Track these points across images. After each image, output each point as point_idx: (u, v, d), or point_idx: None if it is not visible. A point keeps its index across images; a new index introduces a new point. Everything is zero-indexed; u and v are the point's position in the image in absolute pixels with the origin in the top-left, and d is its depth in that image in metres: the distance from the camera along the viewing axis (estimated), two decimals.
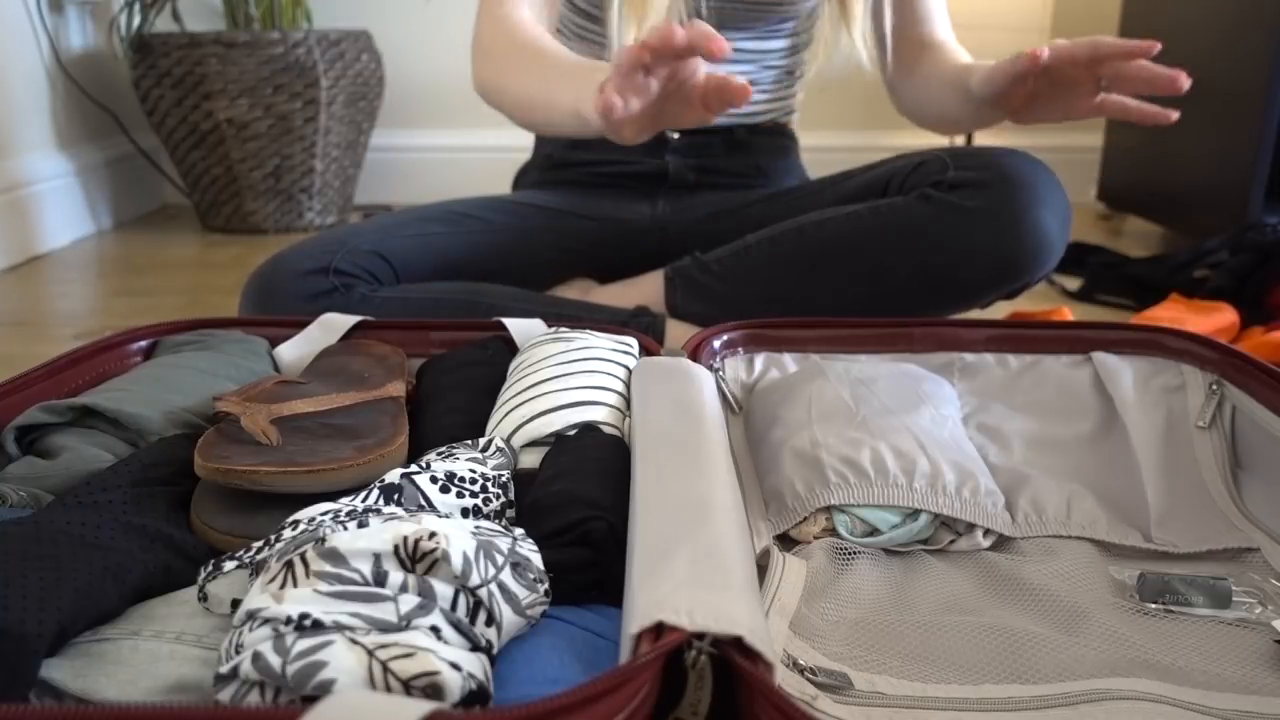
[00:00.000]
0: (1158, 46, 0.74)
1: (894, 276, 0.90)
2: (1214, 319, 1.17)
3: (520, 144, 2.26)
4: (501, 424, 0.63)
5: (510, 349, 0.79)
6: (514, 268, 1.06)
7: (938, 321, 0.79)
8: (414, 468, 0.53)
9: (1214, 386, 0.70)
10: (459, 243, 1.04)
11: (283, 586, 0.41)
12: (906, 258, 0.90)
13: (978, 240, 0.88)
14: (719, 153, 1.15)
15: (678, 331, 0.99)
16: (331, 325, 0.82)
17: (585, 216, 1.12)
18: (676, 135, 1.13)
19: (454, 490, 0.52)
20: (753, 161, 1.16)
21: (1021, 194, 0.87)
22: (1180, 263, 1.36)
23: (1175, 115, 0.77)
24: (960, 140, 2.25)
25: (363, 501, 0.50)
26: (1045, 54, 0.77)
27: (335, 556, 0.41)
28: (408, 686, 0.36)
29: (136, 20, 1.86)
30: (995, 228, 0.87)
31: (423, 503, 0.51)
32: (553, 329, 0.78)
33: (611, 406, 0.64)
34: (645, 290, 1.04)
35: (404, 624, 0.40)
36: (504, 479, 0.56)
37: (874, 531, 0.60)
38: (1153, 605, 0.54)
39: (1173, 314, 1.22)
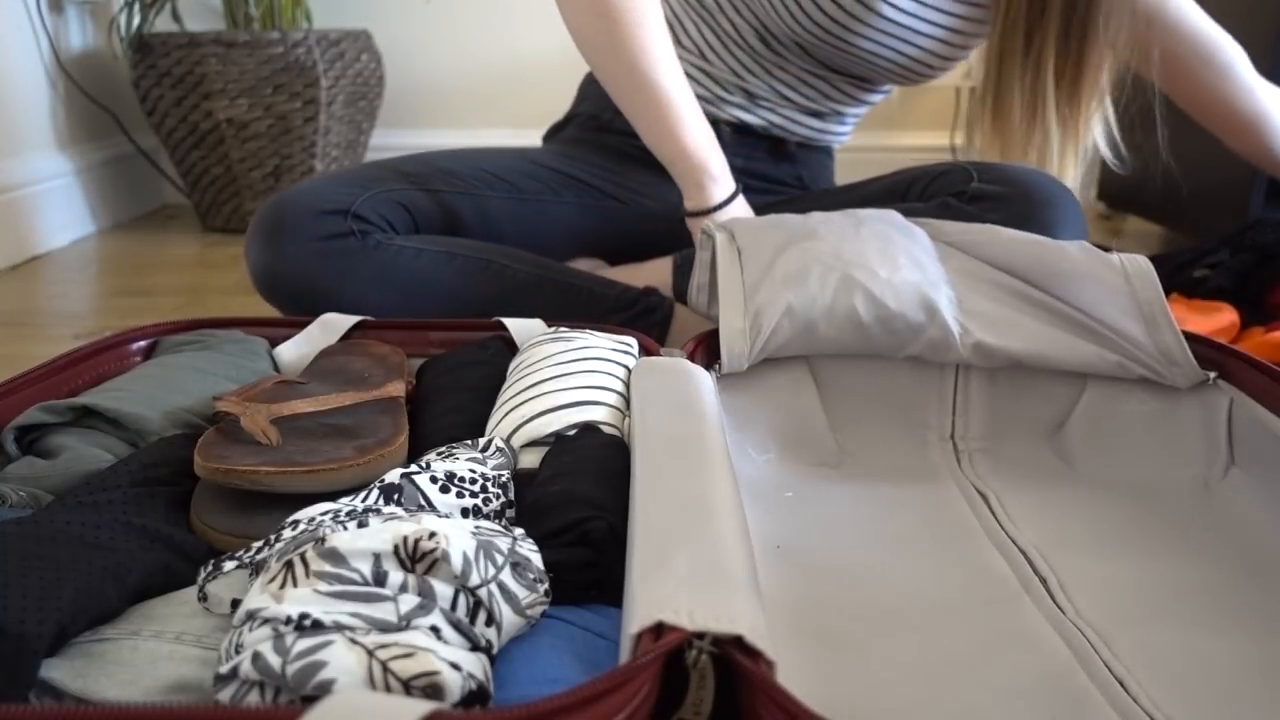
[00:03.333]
0: None
1: None
2: (1214, 319, 1.17)
3: (520, 144, 2.26)
4: (501, 424, 0.63)
5: (510, 349, 0.79)
6: (534, 238, 1.05)
7: None
8: (414, 468, 0.53)
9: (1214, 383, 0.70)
10: (484, 205, 1.02)
11: (283, 586, 0.41)
12: None
13: None
14: (765, 158, 1.15)
15: (685, 317, 0.99)
16: (331, 325, 0.82)
17: (614, 196, 1.11)
18: (729, 131, 1.12)
19: (454, 490, 0.52)
20: (795, 171, 1.16)
21: (1041, 212, 0.88)
22: (1180, 263, 1.36)
23: None
24: (960, 138, 2.25)
25: (363, 501, 0.50)
26: None
27: (335, 556, 0.41)
28: (408, 686, 0.36)
29: (136, 20, 1.86)
30: None
31: (422, 503, 0.51)
32: (552, 329, 0.78)
33: (611, 406, 0.64)
34: (652, 274, 1.04)
35: (404, 624, 0.40)
36: (504, 479, 0.56)
37: None
38: None
39: (1174, 314, 1.21)
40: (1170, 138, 1.74)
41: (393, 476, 0.52)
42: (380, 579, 0.41)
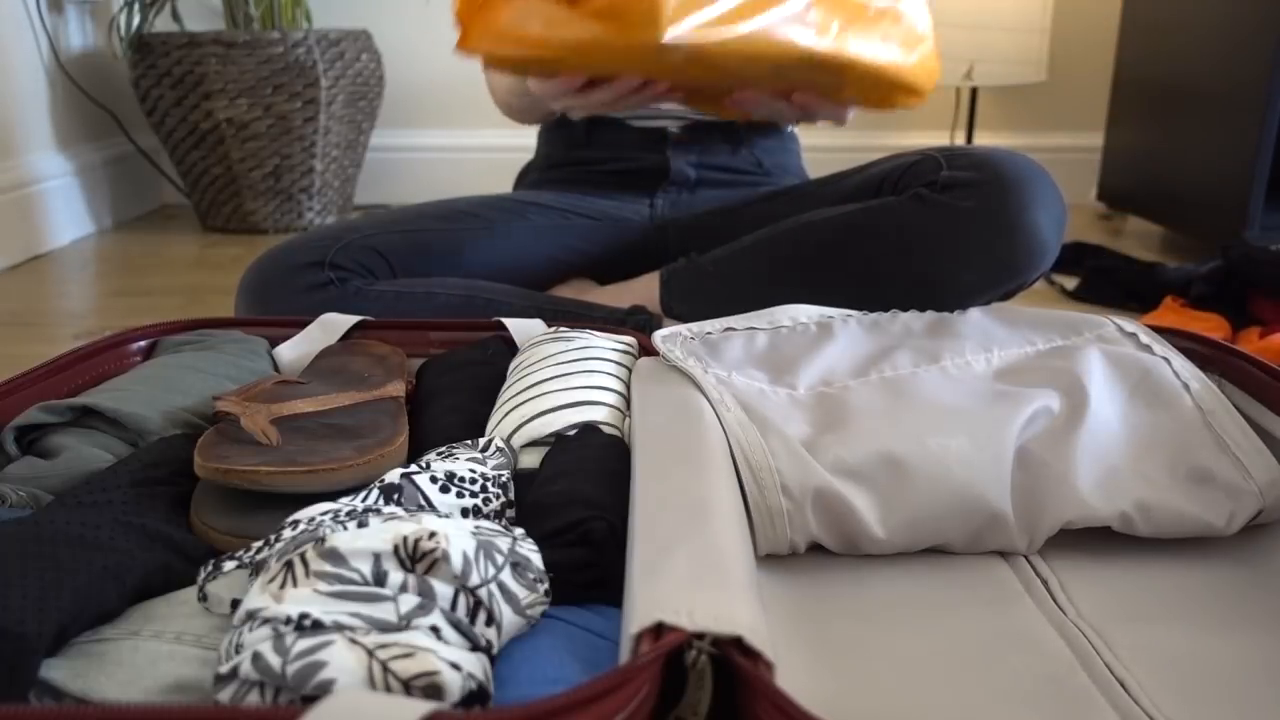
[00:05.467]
0: None
1: (887, 277, 0.90)
2: (1207, 326, 1.18)
3: (520, 144, 2.26)
4: (501, 424, 0.63)
5: (510, 349, 0.79)
6: (512, 267, 1.06)
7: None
8: (414, 468, 0.53)
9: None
10: (457, 241, 1.04)
11: (283, 586, 0.41)
12: (899, 259, 0.89)
13: (971, 242, 0.87)
14: (720, 149, 1.15)
15: None
16: (331, 325, 0.82)
17: (585, 215, 1.12)
18: (677, 130, 1.13)
19: (454, 490, 0.52)
20: (753, 158, 1.16)
21: (1015, 195, 0.87)
22: (1170, 279, 1.38)
23: None
24: (960, 138, 2.25)
25: (362, 501, 0.50)
26: None
27: (335, 556, 0.41)
28: (408, 686, 0.36)
29: (136, 20, 1.86)
30: (988, 229, 0.87)
31: (422, 503, 0.51)
32: (552, 329, 0.78)
33: (611, 406, 0.64)
34: (641, 292, 1.04)
35: (404, 624, 0.40)
36: (504, 479, 0.56)
37: None
38: None
39: (1168, 320, 1.22)
40: (1170, 138, 1.75)
41: (393, 476, 0.52)
42: (380, 579, 0.41)
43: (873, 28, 0.83)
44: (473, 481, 0.54)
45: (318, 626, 0.38)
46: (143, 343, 0.78)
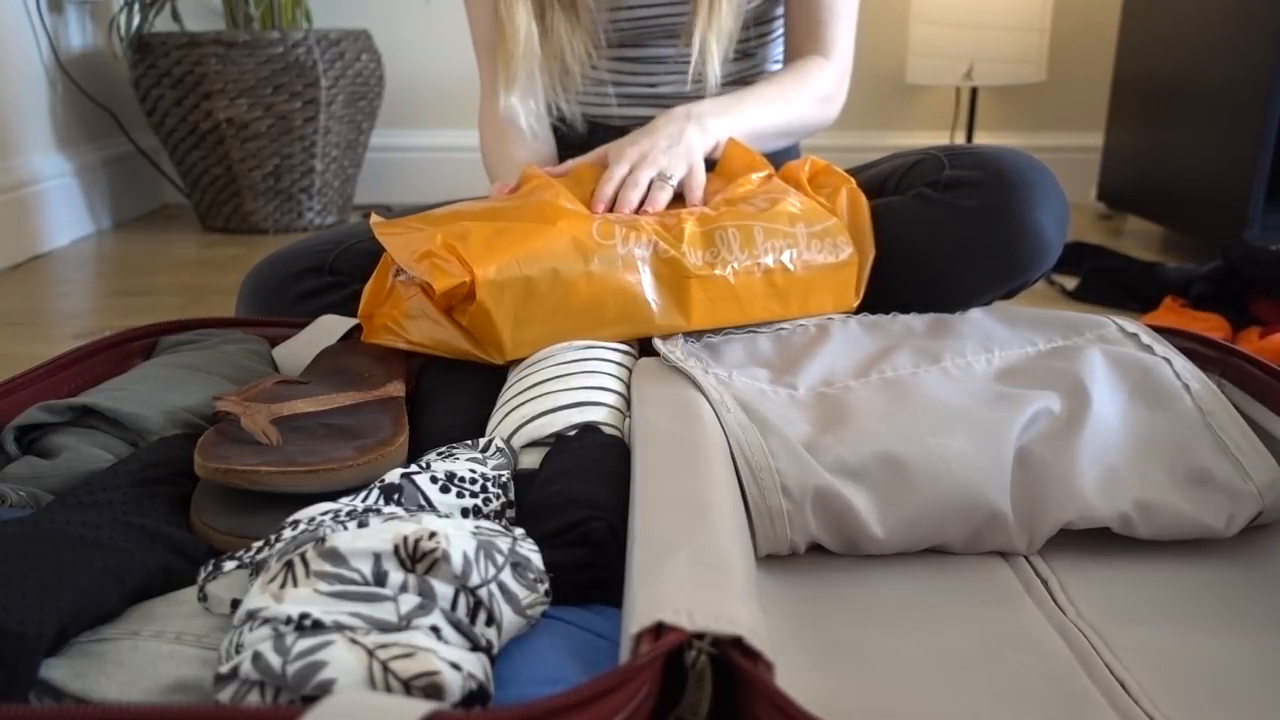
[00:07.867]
0: None
1: (890, 277, 0.90)
2: (1207, 326, 1.19)
3: None
4: (502, 424, 0.63)
5: None
6: None
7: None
8: (414, 468, 0.53)
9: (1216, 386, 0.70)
10: None
11: (283, 586, 0.41)
12: (902, 258, 0.89)
13: (974, 241, 0.88)
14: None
15: None
16: (331, 326, 0.82)
17: None
18: None
19: (454, 490, 0.52)
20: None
21: (1018, 194, 0.87)
22: (1170, 279, 1.38)
23: None
24: (960, 138, 2.25)
25: (363, 501, 0.50)
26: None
27: (335, 556, 0.41)
28: (408, 686, 0.36)
29: (136, 20, 1.86)
30: (992, 228, 0.87)
31: (423, 503, 0.51)
32: None
33: (611, 407, 0.64)
34: None
35: (404, 624, 0.40)
36: (504, 479, 0.56)
37: None
38: None
39: (1168, 320, 1.23)
40: (1170, 138, 1.75)
41: (393, 476, 0.52)
42: (380, 579, 0.41)
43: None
44: (473, 482, 0.54)
45: (318, 626, 0.38)
46: (143, 342, 0.78)
